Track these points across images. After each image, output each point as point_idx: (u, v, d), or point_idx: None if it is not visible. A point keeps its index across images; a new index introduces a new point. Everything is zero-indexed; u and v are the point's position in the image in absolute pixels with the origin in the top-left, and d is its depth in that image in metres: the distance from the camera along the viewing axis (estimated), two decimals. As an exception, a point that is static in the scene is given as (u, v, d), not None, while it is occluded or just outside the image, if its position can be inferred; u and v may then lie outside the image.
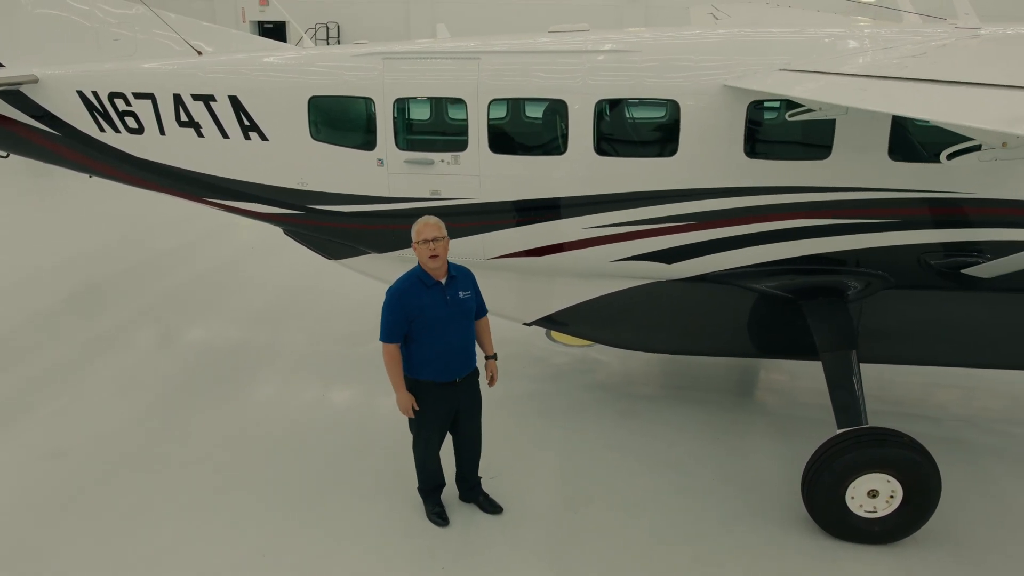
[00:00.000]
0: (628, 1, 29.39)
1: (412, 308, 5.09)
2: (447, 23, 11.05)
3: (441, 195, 6.51)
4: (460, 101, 6.28)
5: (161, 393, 7.69)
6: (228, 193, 7.06)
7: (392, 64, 6.36)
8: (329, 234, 7.07)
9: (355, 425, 7.13)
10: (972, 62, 4.78)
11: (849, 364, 5.77)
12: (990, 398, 7.82)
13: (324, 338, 9.10)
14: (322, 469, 6.37)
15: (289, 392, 7.80)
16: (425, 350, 5.16)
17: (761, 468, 6.45)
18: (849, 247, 6.08)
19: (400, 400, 5.26)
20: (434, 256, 5.05)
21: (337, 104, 6.66)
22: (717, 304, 6.63)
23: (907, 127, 5.89)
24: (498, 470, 6.21)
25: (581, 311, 6.91)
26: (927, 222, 5.92)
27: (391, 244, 6.88)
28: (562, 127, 6.20)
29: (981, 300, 6.09)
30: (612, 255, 6.44)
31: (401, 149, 6.47)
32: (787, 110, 5.65)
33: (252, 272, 11.65)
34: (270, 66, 6.77)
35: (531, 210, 6.43)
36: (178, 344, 9.05)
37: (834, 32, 6.10)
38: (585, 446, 6.79)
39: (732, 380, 8.23)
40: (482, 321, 5.51)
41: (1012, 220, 5.80)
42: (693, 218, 6.16)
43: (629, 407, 7.46)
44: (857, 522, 5.41)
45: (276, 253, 12.50)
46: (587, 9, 25.38)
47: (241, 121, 6.72)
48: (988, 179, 5.71)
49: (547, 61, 6.19)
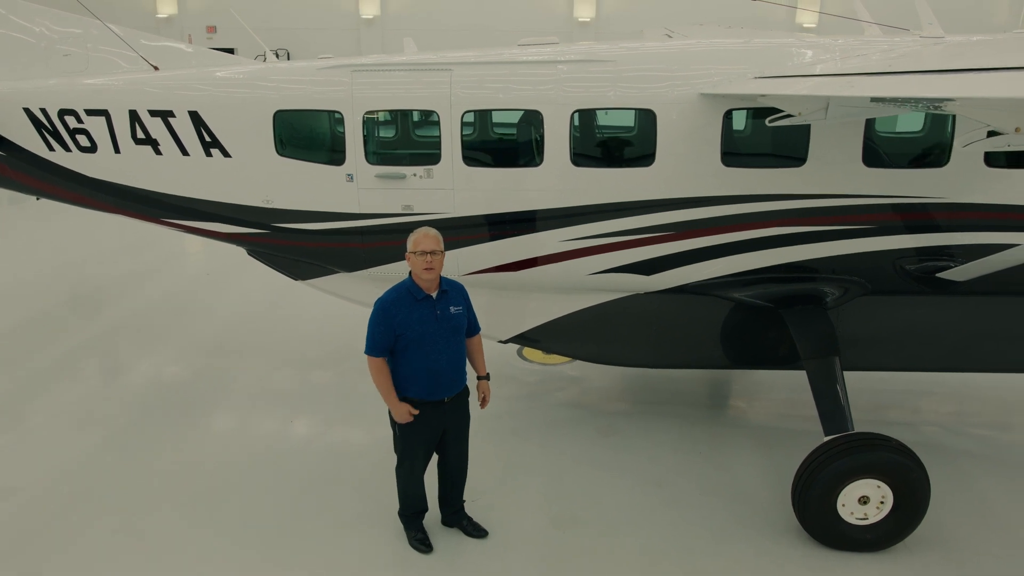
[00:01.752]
0: (579, 26, 29.79)
1: (399, 322, 4.88)
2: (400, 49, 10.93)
3: (414, 210, 6.33)
4: (432, 113, 6.13)
5: (116, 427, 7.26)
6: (188, 213, 6.75)
7: (361, 76, 6.19)
8: (296, 254, 6.80)
9: (325, 452, 6.82)
10: (953, 58, 4.84)
11: (833, 371, 5.75)
12: (961, 402, 7.92)
13: (286, 363, 8.76)
14: (293, 501, 6.05)
15: (252, 422, 7.44)
16: (412, 367, 4.94)
17: (746, 480, 6.37)
18: (826, 254, 6.08)
19: (395, 410, 5.00)
20: (429, 269, 4.85)
21: (304, 118, 6.45)
22: (696, 316, 6.58)
23: (879, 134, 5.96)
24: (479, 492, 5.99)
25: (558, 327, 6.78)
26: (902, 228, 5.97)
27: (362, 262, 6.66)
28: (537, 138, 6.10)
29: (958, 304, 6.15)
30: (590, 268, 6.33)
31: (371, 164, 6.28)
32: (766, 117, 5.65)
33: (208, 299, 11.24)
34: (232, 80, 6.52)
35: (507, 223, 6.29)
36: (132, 375, 8.61)
37: (805, 42, 6.16)
38: (566, 465, 6.62)
39: (706, 393, 8.18)
40: (475, 339, 5.30)
41: (984, 224, 5.89)
42: (671, 228, 6.10)
43: (608, 424, 7.33)
44: (849, 530, 5.35)
45: (232, 278, 12.15)
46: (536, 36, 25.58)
47: (202, 137, 6.45)
48: (960, 184, 5.79)
49: (521, 72, 6.10)
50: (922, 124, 6.22)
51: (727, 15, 13.79)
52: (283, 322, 10.19)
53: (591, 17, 29.86)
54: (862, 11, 7.07)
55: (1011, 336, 6.31)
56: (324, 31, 30.76)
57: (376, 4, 27.81)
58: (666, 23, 14.46)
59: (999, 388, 8.02)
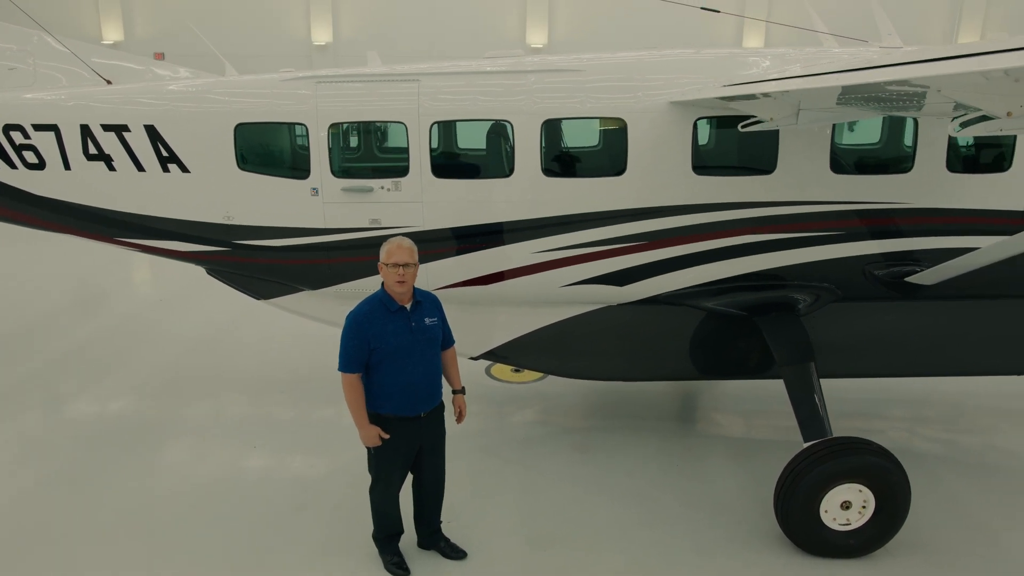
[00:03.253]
0: (531, 52, 30.11)
1: (374, 335, 4.70)
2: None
3: (381, 224, 6.18)
4: (400, 124, 6.01)
5: (63, 461, 6.84)
6: (144, 231, 6.47)
7: (326, 88, 6.05)
8: (258, 271, 6.57)
9: (291, 479, 6.54)
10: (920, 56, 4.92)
11: (810, 377, 5.74)
12: (924, 406, 7.98)
13: (245, 389, 8.45)
14: (259, 531, 5.74)
15: (211, 450, 7.09)
16: (387, 381, 4.75)
17: (725, 491, 6.29)
18: (797, 261, 6.10)
19: (365, 434, 4.81)
20: (401, 282, 4.69)
21: (266, 131, 6.26)
22: (670, 327, 6.53)
23: (845, 141, 6.03)
24: (455, 513, 5.79)
25: (531, 341, 6.65)
26: (869, 233, 6.03)
27: (327, 279, 6.46)
28: (508, 149, 6.02)
29: (928, 309, 6.22)
30: (563, 279, 6.24)
31: (337, 177, 6.12)
32: (735, 125, 5.68)
33: (163, 325, 10.84)
34: (191, 93, 6.31)
35: (478, 236, 6.18)
36: (80, 407, 8.17)
37: (767, 52, 6.23)
38: (542, 482, 6.46)
39: (677, 406, 8.13)
40: (449, 352, 5.14)
41: (948, 228, 5.98)
42: (644, 237, 6.06)
43: (582, 440, 7.20)
44: (833, 537, 5.30)
45: (187, 303, 11.77)
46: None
47: (159, 152, 6.21)
48: (924, 189, 5.89)
49: (490, 81, 6.03)
50: (884, 132, 6.32)
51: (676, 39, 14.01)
52: (242, 346, 9.89)
53: (543, 43, 30.21)
54: (819, 24, 7.21)
55: (981, 340, 6.40)
56: (276, 57, 30.43)
57: (328, 30, 27.68)
58: (616, 48, 14.65)
59: (962, 392, 8.14)
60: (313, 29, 27.86)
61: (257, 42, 28.42)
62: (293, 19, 26.57)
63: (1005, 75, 2.46)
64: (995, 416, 7.80)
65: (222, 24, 22.03)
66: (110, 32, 29.23)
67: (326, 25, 27.04)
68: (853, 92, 3.95)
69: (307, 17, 26.76)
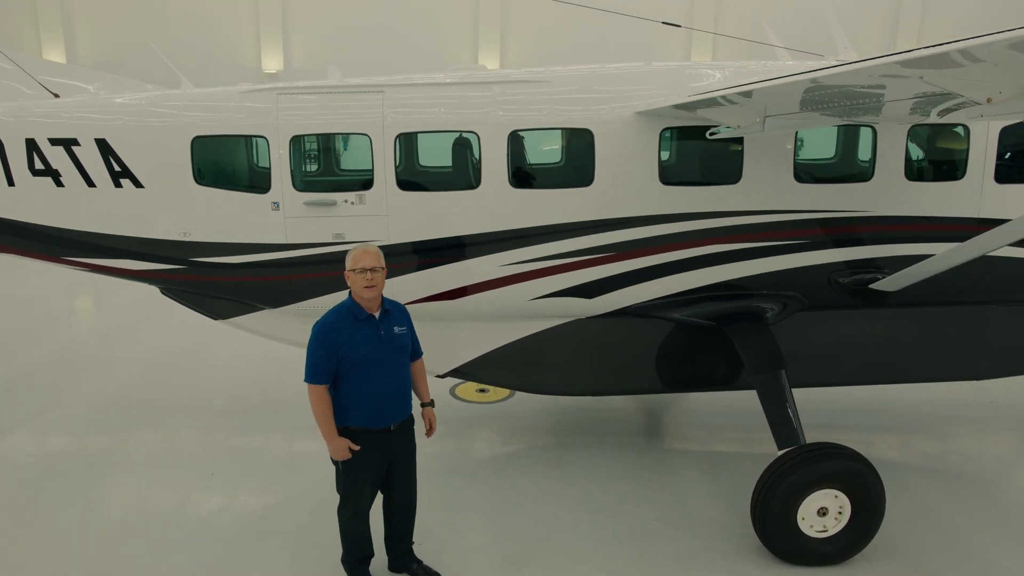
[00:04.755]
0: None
1: (342, 343, 4.53)
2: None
3: (345, 238, 6.02)
4: (364, 136, 5.89)
5: (4, 495, 6.43)
6: (94, 250, 6.19)
7: (287, 100, 5.91)
8: (216, 290, 6.33)
9: (254, 506, 6.26)
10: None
11: (781, 384, 5.74)
12: (887, 414, 8.04)
13: (198, 416, 8.08)
14: (222, 560, 5.45)
15: (166, 480, 6.72)
16: (356, 392, 4.58)
17: (700, 503, 6.23)
18: (764, 270, 6.14)
19: (333, 447, 4.61)
20: (370, 287, 4.55)
21: (225, 145, 6.08)
22: (639, 339, 6.49)
23: (808, 150, 6.12)
24: (426, 534, 5.58)
25: (500, 357, 6.53)
26: (833, 241, 6.11)
27: (289, 296, 6.26)
28: (474, 161, 5.95)
29: (893, 317, 6.30)
30: (531, 292, 6.16)
31: (299, 190, 5.96)
32: (701, 135, 5.71)
33: (113, 351, 10.40)
34: (145, 106, 6.10)
35: (445, 249, 6.07)
36: (22, 439, 7.70)
37: (729, 64, 6.31)
38: (515, 501, 6.30)
39: (645, 420, 8.09)
40: (418, 363, 5.00)
41: (908, 235, 6.09)
42: (613, 248, 6.03)
43: (553, 456, 7.08)
44: (811, 544, 5.26)
45: (135, 330, 11.35)
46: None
47: (110, 167, 5.97)
48: (883, 197, 6.00)
49: (456, 93, 5.97)
50: (845, 142, 6.43)
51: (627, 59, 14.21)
52: (197, 371, 9.53)
53: (496, 67, 30.51)
54: (772, 38, 7.37)
55: (943, 346, 6.50)
56: (225, 85, 30.07)
57: (279, 58, 27.45)
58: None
59: (916, 400, 8.24)
60: (264, 57, 27.59)
61: (206, 70, 27.96)
62: (243, 47, 26.29)
63: (990, 53, 2.50)
64: (950, 422, 7.92)
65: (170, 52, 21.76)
66: (52, 56, 28.49)
67: (277, 52, 26.81)
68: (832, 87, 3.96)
69: (257, 45, 26.51)
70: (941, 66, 2.75)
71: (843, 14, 8.93)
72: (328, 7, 24.98)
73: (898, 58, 2.80)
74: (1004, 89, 2.94)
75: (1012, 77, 2.84)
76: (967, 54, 2.59)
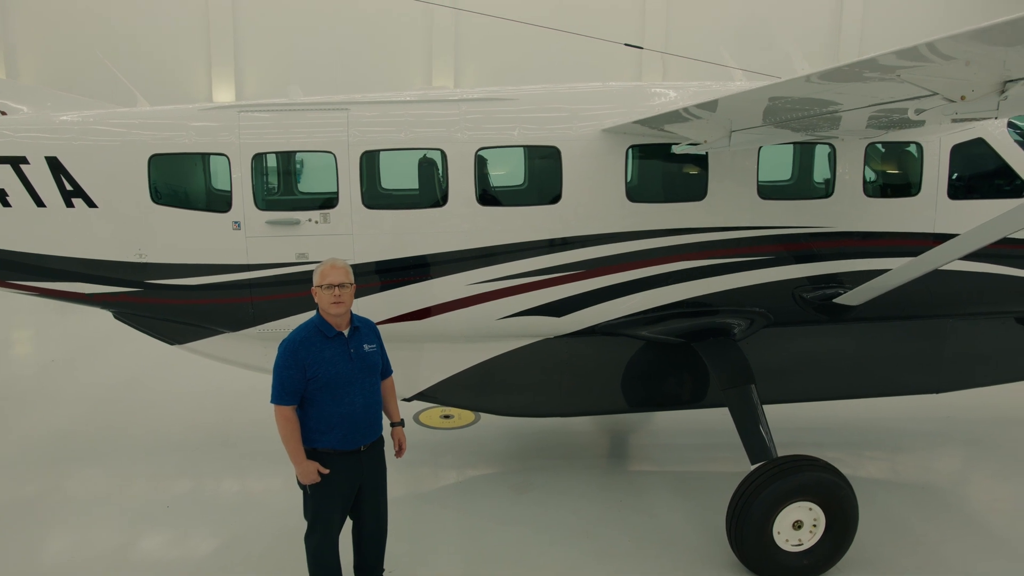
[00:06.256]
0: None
1: (311, 362, 4.36)
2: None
3: (309, 258, 5.88)
4: (329, 154, 5.79)
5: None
6: (43, 273, 5.93)
7: (249, 117, 5.78)
8: (173, 313, 6.10)
9: (209, 544, 5.96)
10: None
11: (751, 399, 5.75)
12: (838, 432, 8.07)
13: (150, 453, 7.70)
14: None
15: (112, 518, 6.35)
16: (325, 412, 4.40)
17: (672, 522, 6.17)
18: (730, 286, 6.18)
19: (302, 470, 4.42)
20: (338, 303, 4.40)
21: (184, 163, 5.91)
22: (608, 358, 6.45)
23: (771, 167, 6.23)
24: (396, 562, 5.38)
25: (468, 378, 6.42)
26: (796, 257, 6.19)
27: (250, 319, 6.07)
28: (441, 178, 5.89)
29: (857, 332, 6.40)
30: (500, 312, 6.09)
31: (261, 209, 5.81)
32: (668, 152, 5.77)
33: (52, 388, 9.93)
34: (100, 123, 5.90)
35: (411, 268, 5.97)
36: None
37: (691, 84, 6.40)
38: (485, 526, 6.16)
39: (610, 443, 8.06)
40: (387, 382, 4.85)
41: (867, 250, 6.22)
42: (580, 266, 6.01)
43: (522, 480, 6.95)
44: (787, 558, 5.23)
45: (83, 361, 10.89)
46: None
47: (62, 186, 5.74)
48: (845, 213, 6.12)
49: (422, 111, 5.93)
50: (806, 159, 6.56)
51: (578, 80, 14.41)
52: (148, 402, 9.13)
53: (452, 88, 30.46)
54: (729, 60, 7.53)
55: (908, 359, 6.62)
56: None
57: (231, 88, 27.14)
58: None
59: (871, 416, 8.34)
60: (215, 88, 27.25)
61: (155, 102, 27.53)
62: (194, 76, 25.89)
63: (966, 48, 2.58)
64: (909, 437, 8.05)
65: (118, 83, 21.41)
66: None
67: (228, 83, 26.50)
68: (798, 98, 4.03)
69: (208, 75, 26.17)
70: (916, 60, 2.83)
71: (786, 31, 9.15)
72: (280, 33, 24.81)
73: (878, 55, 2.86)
74: (976, 87, 3.03)
75: (982, 75, 2.93)
76: (933, 48, 2.68)
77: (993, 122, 6.11)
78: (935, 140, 6.09)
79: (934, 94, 3.11)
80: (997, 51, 2.75)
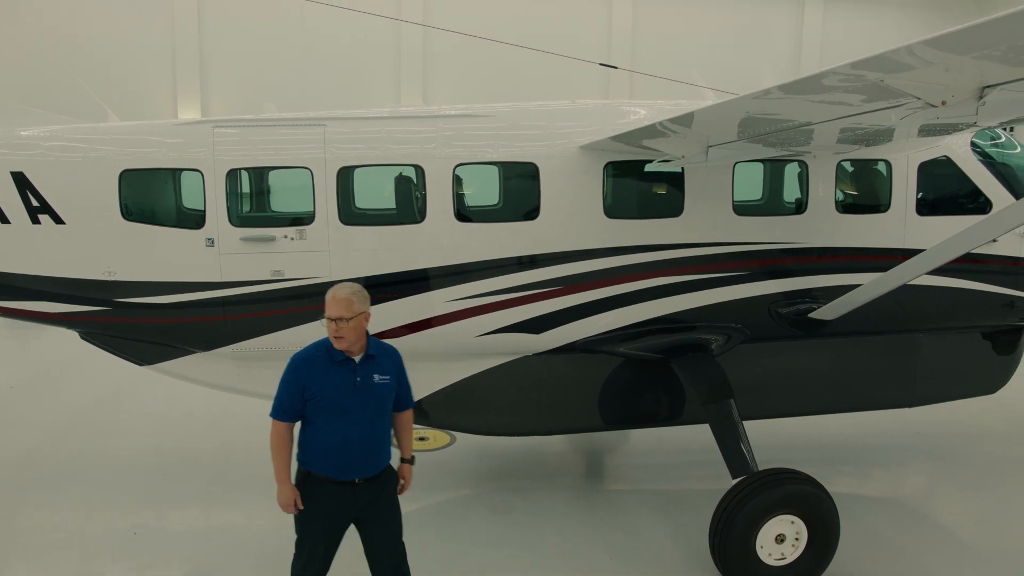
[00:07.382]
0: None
1: (310, 383, 4.16)
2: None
3: (284, 276, 5.79)
4: (305, 170, 5.73)
5: None
6: (7, 292, 5.75)
7: (224, 133, 5.70)
8: (143, 333, 5.95)
9: (189, 561, 5.78)
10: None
11: (731, 413, 5.76)
12: (808, 449, 8.06)
13: (114, 484, 7.43)
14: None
15: (71, 548, 6.13)
16: (320, 437, 4.20)
17: (654, 541, 6.13)
18: (707, 302, 6.21)
19: (281, 493, 4.21)
20: (338, 338, 4.17)
21: (156, 179, 5.79)
22: (586, 376, 6.43)
23: (746, 184, 6.31)
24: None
25: (447, 397, 6.34)
26: (770, 273, 6.25)
27: (223, 338, 5.93)
28: (419, 194, 5.86)
29: (833, 347, 6.47)
30: (478, 329, 6.04)
31: (236, 226, 5.72)
32: (644, 168, 5.80)
33: (10, 415, 9.57)
34: (68, 138, 5.77)
35: (389, 285, 5.90)
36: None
37: (671, 102, 6.46)
38: (465, 549, 6.05)
39: (587, 463, 8.02)
40: (405, 416, 4.55)
41: (842, 266, 6.31)
42: (559, 282, 6.00)
43: (501, 501, 6.86)
44: (770, 573, 5.22)
45: (43, 387, 10.54)
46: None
47: (27, 202, 5.59)
48: (818, 229, 6.21)
49: (400, 127, 5.91)
50: (780, 175, 6.67)
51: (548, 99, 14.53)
52: (112, 428, 8.83)
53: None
54: (699, 79, 7.66)
55: (881, 374, 6.70)
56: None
57: (196, 109, 26.86)
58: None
59: (838, 433, 8.39)
60: (180, 108, 26.97)
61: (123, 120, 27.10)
62: (159, 98, 25.60)
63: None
64: (880, 452, 8.13)
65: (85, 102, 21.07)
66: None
67: (194, 104, 26.23)
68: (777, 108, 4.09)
69: (174, 97, 25.89)
70: (897, 69, 2.90)
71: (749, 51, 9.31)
72: (247, 58, 24.70)
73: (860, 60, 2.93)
74: (955, 93, 3.11)
75: (961, 81, 3.02)
76: (912, 53, 2.76)
77: (957, 141, 6.28)
78: (903, 158, 6.23)
79: (916, 99, 3.18)
80: (953, 59, 2.85)
